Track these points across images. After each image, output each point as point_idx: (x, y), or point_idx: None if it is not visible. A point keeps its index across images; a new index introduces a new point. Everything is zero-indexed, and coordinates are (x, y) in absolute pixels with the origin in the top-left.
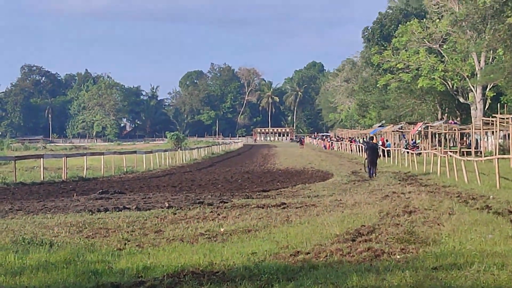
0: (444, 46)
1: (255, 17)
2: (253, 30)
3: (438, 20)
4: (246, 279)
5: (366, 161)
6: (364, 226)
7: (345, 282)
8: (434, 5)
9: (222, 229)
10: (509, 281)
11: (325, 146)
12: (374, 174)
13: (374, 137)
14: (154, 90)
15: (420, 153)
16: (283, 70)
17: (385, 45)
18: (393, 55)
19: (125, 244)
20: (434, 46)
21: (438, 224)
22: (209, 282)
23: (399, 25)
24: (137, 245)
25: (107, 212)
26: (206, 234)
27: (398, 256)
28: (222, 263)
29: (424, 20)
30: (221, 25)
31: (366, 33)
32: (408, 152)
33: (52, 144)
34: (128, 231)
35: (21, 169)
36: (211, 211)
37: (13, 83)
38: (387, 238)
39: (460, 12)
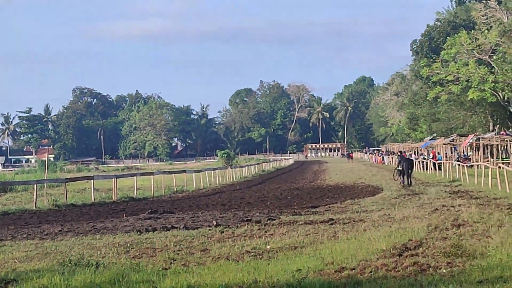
0: (494, 57)
1: (301, 34)
2: (300, 47)
3: (486, 31)
4: None
5: (397, 170)
6: (411, 240)
7: None
8: (483, 16)
9: (268, 247)
10: None
11: (376, 161)
12: (410, 183)
13: (407, 152)
14: (204, 109)
15: (471, 166)
16: (333, 85)
17: (434, 58)
18: (442, 67)
19: (171, 263)
20: (483, 57)
21: (487, 237)
22: None
23: (448, 37)
24: (182, 264)
25: (155, 232)
26: (252, 252)
27: (444, 270)
28: (266, 281)
29: (473, 31)
30: (268, 43)
31: (415, 46)
32: (459, 165)
33: (105, 165)
34: (174, 251)
35: (72, 191)
36: (259, 229)
37: (65, 106)
38: (434, 252)
39: (508, 22)
